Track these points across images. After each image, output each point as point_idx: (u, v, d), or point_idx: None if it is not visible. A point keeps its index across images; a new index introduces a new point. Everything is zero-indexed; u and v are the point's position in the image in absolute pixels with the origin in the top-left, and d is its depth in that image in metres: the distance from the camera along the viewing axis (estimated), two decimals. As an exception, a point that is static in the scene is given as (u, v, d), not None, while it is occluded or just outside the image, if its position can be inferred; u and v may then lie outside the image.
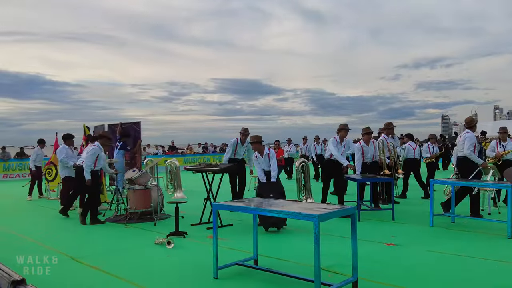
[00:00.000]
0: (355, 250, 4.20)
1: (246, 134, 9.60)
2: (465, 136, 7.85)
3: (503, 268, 4.88)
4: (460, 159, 8.06)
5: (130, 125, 11.26)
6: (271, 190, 7.31)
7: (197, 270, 4.92)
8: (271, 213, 4.20)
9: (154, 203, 8.22)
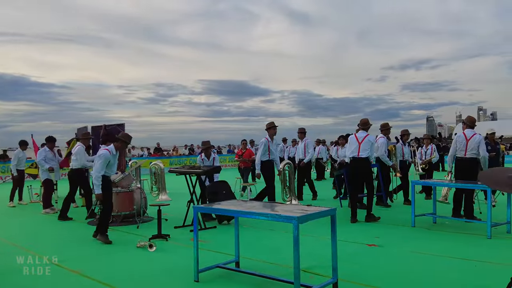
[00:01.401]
0: (335, 251, 4.21)
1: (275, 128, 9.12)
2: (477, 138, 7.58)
3: (481, 268, 4.94)
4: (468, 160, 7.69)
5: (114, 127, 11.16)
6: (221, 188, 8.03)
7: (178, 273, 4.89)
8: (251, 215, 4.20)
9: (137, 206, 8.17)
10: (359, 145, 8.06)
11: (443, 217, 7.78)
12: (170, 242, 6.55)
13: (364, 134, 8.20)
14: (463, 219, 7.56)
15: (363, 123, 8.41)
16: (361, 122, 8.50)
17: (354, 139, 8.20)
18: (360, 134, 8.22)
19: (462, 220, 7.57)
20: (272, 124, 9.16)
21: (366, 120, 8.50)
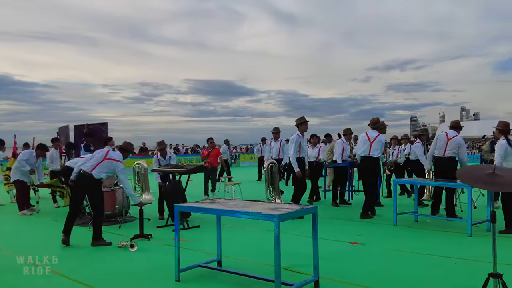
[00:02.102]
0: (316, 249, 4.22)
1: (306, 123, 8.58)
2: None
3: (461, 265, 5.01)
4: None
5: (97, 126, 11.08)
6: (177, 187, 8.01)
7: (159, 273, 4.85)
8: (232, 213, 4.18)
9: (119, 206, 8.09)
10: (371, 144, 8.16)
11: (424, 216, 7.89)
12: (152, 241, 6.50)
13: (375, 133, 8.28)
14: (444, 217, 7.66)
15: (374, 122, 8.49)
16: (371, 121, 8.56)
17: (366, 138, 8.28)
18: (371, 134, 8.30)
19: (443, 218, 7.67)
20: (303, 119, 8.53)
21: (377, 119, 8.56)
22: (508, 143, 6.54)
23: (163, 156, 9.10)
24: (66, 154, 10.84)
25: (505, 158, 6.53)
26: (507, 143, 6.55)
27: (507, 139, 6.59)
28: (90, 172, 6.34)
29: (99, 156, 6.48)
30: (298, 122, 8.50)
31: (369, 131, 8.40)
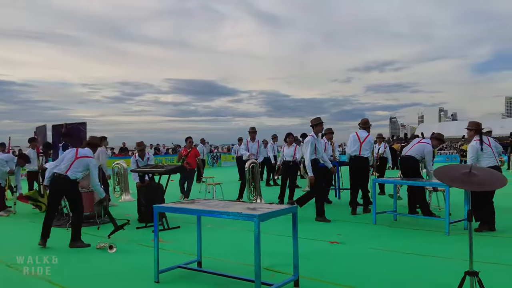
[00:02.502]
0: (296, 248, 4.23)
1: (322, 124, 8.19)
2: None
3: (439, 263, 5.08)
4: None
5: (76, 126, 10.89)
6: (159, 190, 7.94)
7: (138, 274, 4.79)
8: (212, 214, 4.16)
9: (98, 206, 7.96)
10: (361, 144, 8.33)
11: (403, 215, 7.99)
12: (131, 243, 6.43)
13: (365, 134, 8.47)
14: (422, 216, 7.78)
15: (364, 122, 8.71)
16: (362, 121, 8.78)
17: (356, 138, 8.42)
18: (361, 134, 8.47)
19: (422, 217, 7.77)
20: (319, 120, 8.12)
21: (366, 120, 8.80)
22: (480, 144, 6.62)
23: (141, 157, 9.02)
24: (44, 154, 10.66)
25: (477, 159, 6.60)
26: (478, 144, 6.62)
27: (480, 139, 6.67)
28: (65, 173, 6.25)
29: (70, 156, 6.40)
30: (314, 123, 8.11)
31: (359, 131, 8.57)
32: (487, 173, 3.18)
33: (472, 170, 3.06)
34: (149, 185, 8.14)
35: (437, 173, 3.24)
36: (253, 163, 10.55)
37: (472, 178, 2.99)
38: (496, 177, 3.12)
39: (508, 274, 4.62)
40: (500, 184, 3.09)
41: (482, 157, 6.57)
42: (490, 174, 3.17)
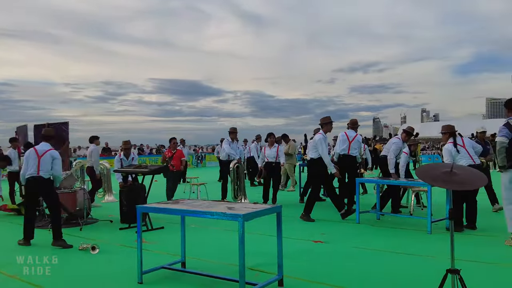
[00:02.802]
0: (280, 248, 4.24)
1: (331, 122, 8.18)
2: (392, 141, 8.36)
3: (421, 262, 5.14)
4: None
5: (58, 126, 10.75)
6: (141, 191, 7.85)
7: (121, 276, 4.74)
8: (196, 214, 4.15)
9: (80, 207, 7.88)
10: (350, 144, 8.44)
11: (386, 214, 8.08)
12: (114, 244, 6.36)
13: (354, 133, 8.59)
14: (405, 216, 7.88)
15: (353, 122, 8.90)
16: (351, 122, 8.96)
17: (345, 138, 8.51)
18: (350, 133, 8.58)
19: (404, 216, 7.87)
20: (329, 119, 8.15)
21: (355, 120, 8.97)
22: (454, 145, 6.73)
23: (126, 156, 8.92)
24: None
25: (453, 161, 6.63)
26: (452, 146, 6.73)
27: (454, 141, 6.78)
28: (38, 174, 6.27)
29: (34, 157, 6.38)
30: (323, 121, 8.13)
31: (347, 130, 8.69)
32: (468, 172, 3.22)
33: (453, 169, 3.10)
34: (132, 185, 8.06)
35: (418, 172, 3.28)
36: (238, 163, 10.53)
37: (453, 177, 3.04)
38: (476, 176, 3.17)
39: (488, 272, 4.69)
40: (480, 183, 3.14)
41: (457, 158, 6.69)
42: (470, 173, 3.21)
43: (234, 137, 10.80)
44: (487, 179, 3.16)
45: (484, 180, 3.14)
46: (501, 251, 5.52)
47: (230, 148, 10.55)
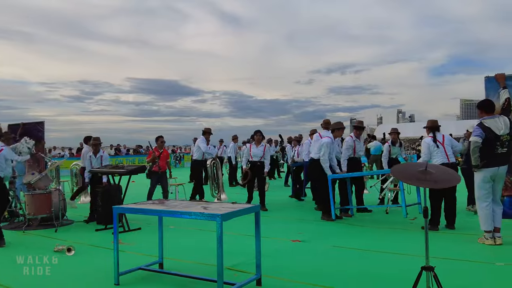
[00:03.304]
0: (258, 248, 4.25)
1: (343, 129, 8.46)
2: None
3: (396, 259, 5.23)
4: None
5: (33, 125, 10.56)
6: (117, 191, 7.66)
7: (97, 277, 4.68)
8: (174, 214, 4.12)
9: (55, 208, 7.74)
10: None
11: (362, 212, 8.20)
12: (90, 245, 6.27)
13: (328, 133, 8.55)
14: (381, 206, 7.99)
15: (326, 122, 9.06)
16: (324, 122, 9.14)
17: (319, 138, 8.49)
18: (324, 134, 8.61)
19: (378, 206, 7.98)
20: (341, 125, 8.40)
21: (328, 120, 9.10)
22: (433, 140, 6.93)
23: (95, 154, 8.55)
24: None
25: (430, 156, 6.92)
26: (431, 140, 6.94)
27: (434, 136, 6.97)
28: None
29: None
30: (336, 126, 8.30)
31: (322, 131, 8.77)
32: (442, 171, 3.29)
33: (427, 168, 3.16)
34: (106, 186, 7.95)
35: (393, 171, 3.33)
36: (215, 161, 10.57)
37: (427, 176, 3.10)
38: (450, 174, 3.23)
39: (461, 269, 4.79)
40: (453, 182, 3.21)
41: (434, 153, 6.87)
42: (444, 172, 3.28)
43: (208, 137, 10.78)
44: (460, 178, 3.23)
45: (457, 179, 3.20)
46: (474, 249, 5.64)
47: (207, 148, 10.50)
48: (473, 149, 5.61)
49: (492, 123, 5.58)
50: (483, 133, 5.59)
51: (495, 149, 5.55)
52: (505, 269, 4.75)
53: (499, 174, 5.65)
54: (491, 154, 5.56)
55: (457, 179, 3.22)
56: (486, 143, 5.56)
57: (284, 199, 11.15)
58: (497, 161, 5.58)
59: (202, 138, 10.62)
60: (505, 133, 5.53)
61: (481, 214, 5.80)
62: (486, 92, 6.23)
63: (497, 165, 5.59)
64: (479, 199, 5.81)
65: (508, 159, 5.71)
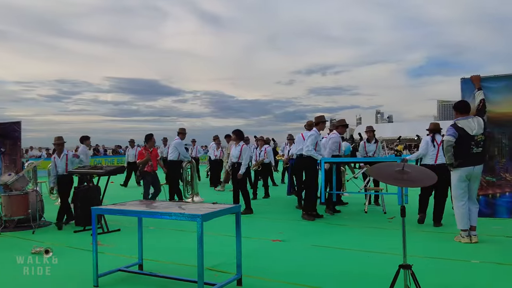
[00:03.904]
0: (239, 248, 4.27)
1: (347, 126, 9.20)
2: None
3: (376, 258, 5.30)
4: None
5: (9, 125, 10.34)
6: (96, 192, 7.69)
7: (76, 279, 4.63)
8: (154, 215, 4.11)
9: (33, 210, 7.61)
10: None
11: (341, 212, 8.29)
12: (69, 247, 6.19)
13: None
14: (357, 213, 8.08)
15: (309, 124, 9.04)
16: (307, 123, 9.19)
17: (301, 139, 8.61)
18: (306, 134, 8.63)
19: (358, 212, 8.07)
20: (343, 122, 9.05)
21: (311, 122, 9.05)
22: (432, 140, 7.31)
23: (59, 155, 8.07)
24: None
25: (425, 153, 7.30)
26: (430, 139, 7.33)
27: (432, 136, 7.36)
28: None
29: None
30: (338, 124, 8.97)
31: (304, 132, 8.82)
32: (418, 170, 3.36)
33: (405, 168, 3.22)
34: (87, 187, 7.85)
35: (371, 170, 3.39)
36: (190, 163, 10.56)
37: (404, 176, 3.16)
38: (426, 174, 3.31)
39: (438, 266, 4.89)
40: (429, 182, 3.28)
41: (429, 151, 7.27)
42: (421, 172, 3.35)
43: (183, 137, 10.82)
44: (436, 178, 3.30)
45: (433, 179, 3.27)
46: (452, 247, 5.75)
47: (185, 152, 10.62)
48: (446, 148, 5.75)
49: (465, 124, 5.72)
50: (456, 132, 5.71)
51: (470, 149, 5.68)
52: (480, 266, 4.87)
53: (475, 173, 5.79)
54: (466, 153, 5.70)
55: (433, 178, 3.29)
56: (461, 143, 5.70)
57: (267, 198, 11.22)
58: (472, 161, 5.72)
59: (178, 139, 10.62)
60: (479, 133, 5.66)
61: (457, 213, 5.93)
62: (462, 93, 6.35)
63: (472, 164, 5.72)
64: (456, 198, 5.94)
65: (483, 159, 5.85)
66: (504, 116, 6.18)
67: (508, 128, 6.18)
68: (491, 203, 6.10)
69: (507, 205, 6.22)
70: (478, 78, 6.18)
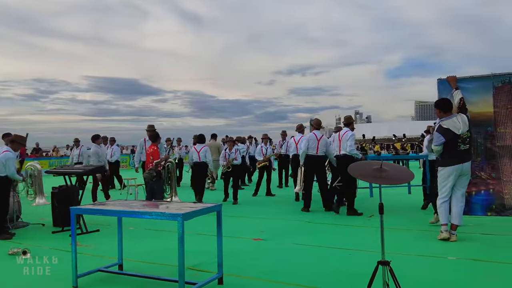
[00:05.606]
0: (220, 247, 4.28)
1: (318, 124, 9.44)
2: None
3: (354, 256, 5.37)
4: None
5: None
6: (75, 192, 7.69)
7: (55, 280, 4.56)
8: (134, 214, 4.09)
9: (10, 210, 7.47)
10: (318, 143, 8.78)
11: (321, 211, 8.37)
12: (47, 248, 6.10)
13: (320, 134, 9.00)
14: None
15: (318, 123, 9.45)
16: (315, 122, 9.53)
17: (314, 138, 8.79)
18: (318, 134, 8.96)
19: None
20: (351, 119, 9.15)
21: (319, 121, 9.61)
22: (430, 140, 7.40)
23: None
24: None
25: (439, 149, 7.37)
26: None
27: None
28: None
29: None
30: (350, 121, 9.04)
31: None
32: (395, 168, 3.43)
33: (382, 166, 3.28)
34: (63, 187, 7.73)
35: (351, 168, 3.44)
36: (169, 162, 10.50)
37: (382, 174, 3.22)
38: (403, 172, 3.38)
39: (416, 263, 4.99)
40: (407, 179, 3.35)
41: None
42: (398, 170, 3.43)
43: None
44: (413, 175, 3.38)
45: (411, 176, 3.35)
46: (430, 244, 5.84)
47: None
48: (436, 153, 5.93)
49: (450, 124, 5.80)
50: (443, 138, 5.78)
51: (457, 147, 5.77)
52: (457, 263, 5.00)
53: (464, 170, 5.87)
54: (454, 151, 5.78)
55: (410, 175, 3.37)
56: (448, 143, 5.79)
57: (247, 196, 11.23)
58: (460, 158, 5.80)
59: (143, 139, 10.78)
60: (464, 131, 5.76)
61: (440, 209, 6.02)
62: (439, 94, 6.48)
63: (461, 162, 5.81)
64: (440, 195, 6.01)
65: (471, 155, 5.97)
66: (479, 116, 6.33)
67: (483, 128, 6.34)
68: (467, 200, 6.21)
69: (482, 203, 6.38)
70: (454, 79, 6.32)
